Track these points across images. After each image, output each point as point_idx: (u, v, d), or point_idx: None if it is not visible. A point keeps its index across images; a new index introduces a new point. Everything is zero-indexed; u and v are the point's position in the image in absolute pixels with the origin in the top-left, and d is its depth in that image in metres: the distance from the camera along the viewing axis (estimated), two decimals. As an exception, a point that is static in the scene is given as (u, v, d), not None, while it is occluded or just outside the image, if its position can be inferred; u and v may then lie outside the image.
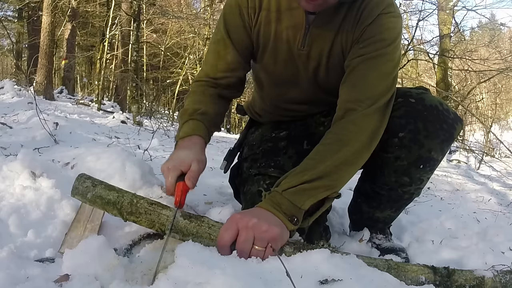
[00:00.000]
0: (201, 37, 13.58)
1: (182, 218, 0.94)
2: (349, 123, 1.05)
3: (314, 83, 1.23)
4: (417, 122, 1.11)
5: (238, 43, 1.20)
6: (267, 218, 0.92)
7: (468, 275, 0.99)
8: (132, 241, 1.10)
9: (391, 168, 1.17)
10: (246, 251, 0.88)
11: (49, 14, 7.91)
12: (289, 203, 0.95)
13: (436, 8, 8.25)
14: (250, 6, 1.16)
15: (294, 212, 0.95)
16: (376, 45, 1.07)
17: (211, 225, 0.96)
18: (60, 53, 12.62)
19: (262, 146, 1.32)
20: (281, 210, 0.94)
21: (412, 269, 0.97)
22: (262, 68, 1.28)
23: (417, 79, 10.98)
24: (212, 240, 0.93)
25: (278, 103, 1.35)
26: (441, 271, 0.98)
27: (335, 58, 1.16)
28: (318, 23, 1.12)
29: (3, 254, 0.91)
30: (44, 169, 1.37)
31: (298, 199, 0.96)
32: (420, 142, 1.11)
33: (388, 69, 1.08)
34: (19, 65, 11.81)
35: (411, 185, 1.20)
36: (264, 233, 0.89)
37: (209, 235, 0.94)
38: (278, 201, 0.95)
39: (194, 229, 0.95)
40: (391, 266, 0.96)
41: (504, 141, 6.77)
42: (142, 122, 6.10)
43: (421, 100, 1.12)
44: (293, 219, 0.95)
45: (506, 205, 2.51)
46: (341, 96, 1.11)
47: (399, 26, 1.10)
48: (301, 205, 0.96)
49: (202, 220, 0.95)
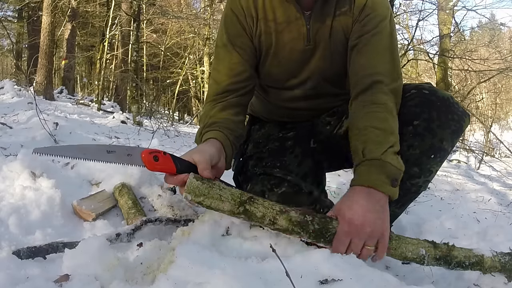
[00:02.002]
0: (201, 37, 13.59)
1: (195, 180, 0.94)
2: (383, 94, 1.10)
3: (318, 76, 1.25)
4: (431, 111, 1.14)
5: (241, 47, 1.19)
6: (373, 205, 0.94)
7: (468, 252, 1.00)
8: (135, 225, 1.12)
9: (403, 158, 1.17)
10: (357, 254, 0.92)
11: (49, 14, 7.91)
12: (391, 166, 0.97)
13: (436, 8, 8.25)
14: (247, 15, 1.18)
15: (395, 174, 0.98)
16: (375, 20, 1.15)
17: (222, 187, 0.96)
18: (60, 53, 12.64)
19: (269, 145, 1.33)
20: (383, 175, 0.96)
21: (412, 242, 0.98)
22: (266, 72, 1.27)
23: (417, 79, 10.98)
24: (222, 201, 0.94)
25: (284, 103, 1.35)
26: (441, 246, 0.99)
27: (337, 42, 1.19)
28: (316, 17, 1.16)
29: (3, 254, 0.91)
30: (44, 169, 1.37)
31: (396, 160, 0.99)
32: (434, 131, 1.14)
33: (393, 40, 1.17)
34: (19, 65, 11.82)
35: (420, 177, 1.19)
36: (373, 234, 0.92)
37: (219, 196, 0.94)
38: (379, 168, 0.97)
39: (206, 190, 0.94)
40: (392, 238, 0.97)
41: (504, 141, 6.77)
42: (142, 122, 6.11)
43: (434, 92, 1.17)
44: (394, 182, 0.97)
45: (506, 205, 2.52)
46: (357, 72, 1.15)
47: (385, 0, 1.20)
48: (400, 166, 0.99)
49: (213, 183, 0.96)
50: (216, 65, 1.23)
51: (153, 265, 0.93)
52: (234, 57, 1.18)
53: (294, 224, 0.94)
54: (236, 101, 1.17)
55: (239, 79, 1.18)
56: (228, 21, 1.21)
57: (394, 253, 0.98)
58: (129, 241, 1.08)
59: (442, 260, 0.98)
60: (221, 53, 1.21)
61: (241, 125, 1.19)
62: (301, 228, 0.94)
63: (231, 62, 1.18)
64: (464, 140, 8.53)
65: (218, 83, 1.19)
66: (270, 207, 0.96)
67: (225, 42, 1.20)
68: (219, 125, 1.10)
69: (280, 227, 0.95)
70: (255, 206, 0.96)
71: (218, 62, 1.22)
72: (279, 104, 1.36)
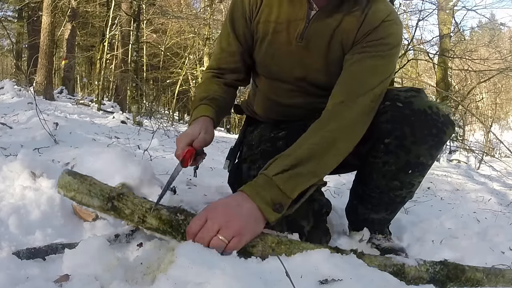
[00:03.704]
0: (201, 37, 13.60)
1: (66, 175, 0.97)
2: (333, 112, 1.08)
3: (312, 75, 1.24)
4: (404, 127, 1.09)
5: (240, 34, 1.27)
6: (241, 209, 0.90)
7: (385, 261, 0.93)
8: (134, 226, 1.11)
9: (380, 173, 1.18)
10: (205, 241, 0.86)
11: (49, 14, 7.91)
12: (278, 189, 0.93)
13: (436, 8, 8.26)
14: (252, 2, 1.24)
15: (281, 200, 0.93)
16: (380, 47, 1.10)
17: (92, 183, 0.98)
18: (60, 53, 12.64)
19: (261, 146, 1.32)
20: (267, 196, 0.92)
21: (309, 247, 0.91)
22: (261, 61, 1.30)
23: (417, 79, 10.99)
24: (92, 197, 0.96)
25: (280, 98, 1.35)
26: (347, 253, 0.92)
27: (334, 53, 1.18)
28: (319, 18, 1.15)
29: (3, 254, 0.91)
30: (44, 169, 1.37)
31: (287, 186, 0.94)
32: (407, 148, 1.10)
33: (386, 70, 1.11)
34: (19, 65, 11.82)
35: (401, 189, 1.20)
36: (230, 225, 0.87)
37: (89, 191, 0.96)
38: (265, 187, 0.94)
39: (76, 185, 0.96)
40: (282, 242, 0.91)
41: (504, 141, 6.76)
42: (142, 122, 6.10)
43: (409, 104, 1.11)
44: (277, 207, 0.93)
45: (506, 205, 2.51)
46: (336, 85, 1.13)
47: (400, 33, 1.15)
48: (290, 193, 0.94)
49: (85, 179, 0.98)
50: (219, 39, 1.36)
51: (153, 265, 0.93)
52: (231, 38, 1.28)
53: (164, 223, 0.91)
54: (228, 78, 1.32)
55: (232, 60, 1.30)
56: (233, 8, 1.28)
57: None
58: (128, 241, 1.08)
59: None
60: (223, 31, 1.33)
61: (230, 102, 1.33)
62: (172, 228, 0.91)
63: (227, 43, 1.29)
64: (464, 140, 8.54)
65: (215, 60, 1.34)
66: (140, 204, 0.94)
67: (227, 22, 1.29)
68: (214, 102, 1.23)
69: (151, 226, 0.92)
70: (123, 202, 0.95)
71: (220, 38, 1.34)
72: (276, 100, 1.35)
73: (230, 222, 0.88)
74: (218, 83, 1.31)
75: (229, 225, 0.87)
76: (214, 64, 1.34)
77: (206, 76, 1.35)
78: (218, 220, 0.88)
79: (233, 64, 1.30)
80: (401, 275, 0.92)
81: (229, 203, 0.93)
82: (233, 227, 0.87)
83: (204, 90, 1.28)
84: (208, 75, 1.34)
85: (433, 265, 0.95)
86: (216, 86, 1.29)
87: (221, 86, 1.30)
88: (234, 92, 1.36)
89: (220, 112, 1.24)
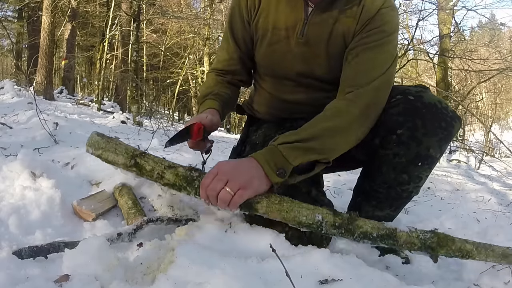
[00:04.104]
0: (201, 37, 13.60)
1: (96, 135, 1.12)
2: (344, 99, 1.13)
3: (314, 71, 1.25)
4: (415, 119, 1.12)
5: (238, 38, 1.32)
6: (249, 167, 0.99)
7: (377, 224, 0.99)
8: (136, 225, 1.13)
9: (390, 165, 1.19)
10: (215, 192, 0.95)
11: (49, 14, 7.90)
12: (281, 156, 1.00)
13: (436, 8, 8.25)
14: (250, 5, 1.28)
15: (284, 165, 1.00)
16: (378, 35, 1.14)
17: (118, 143, 1.09)
18: (60, 53, 12.64)
19: (265, 146, 1.32)
20: (271, 161, 0.99)
21: (308, 207, 0.98)
22: (261, 59, 1.32)
23: (417, 79, 10.99)
24: (117, 155, 1.07)
25: (284, 95, 1.35)
26: (342, 215, 0.98)
27: (335, 47, 1.20)
28: (317, 14, 1.18)
29: (3, 254, 0.91)
30: (44, 169, 1.37)
31: (290, 153, 1.01)
32: (418, 140, 1.13)
33: (388, 56, 1.15)
34: (19, 65, 11.82)
35: (409, 183, 1.20)
36: (237, 178, 0.95)
37: (115, 149, 1.08)
38: (271, 153, 1.01)
39: (104, 144, 1.08)
40: (283, 200, 0.98)
41: (504, 141, 6.77)
42: (142, 122, 6.10)
43: (420, 98, 1.15)
44: (281, 172, 0.99)
45: (506, 205, 2.51)
46: (342, 81, 1.17)
47: (396, 18, 1.20)
48: (292, 161, 1.00)
49: (112, 140, 1.11)
50: (222, 41, 1.43)
51: (153, 265, 0.93)
52: (231, 42, 1.34)
53: (181, 179, 1.01)
54: (230, 79, 1.38)
55: (232, 63, 1.36)
56: (231, 13, 1.33)
57: (286, 216, 0.97)
58: (130, 240, 1.08)
59: (343, 229, 0.96)
60: (224, 35, 1.39)
61: (233, 99, 1.39)
62: (187, 183, 1.01)
63: (227, 47, 1.35)
64: (464, 140, 8.54)
65: (217, 62, 1.41)
66: (160, 162, 1.06)
67: (227, 26, 1.35)
68: (219, 97, 1.29)
69: (168, 182, 1.03)
70: (145, 160, 1.06)
71: (222, 41, 1.42)
72: (280, 97, 1.36)
73: (237, 176, 0.96)
74: (221, 81, 1.37)
75: (236, 178, 0.96)
76: (216, 66, 1.41)
77: (210, 75, 1.40)
78: (226, 173, 0.96)
79: (233, 67, 1.36)
80: (393, 239, 0.97)
81: (238, 161, 1.03)
82: (239, 180, 0.96)
83: (208, 87, 1.34)
84: (211, 74, 1.40)
85: (424, 232, 0.99)
86: (219, 84, 1.36)
87: (225, 84, 1.36)
88: (237, 90, 1.42)
89: (225, 106, 1.29)
